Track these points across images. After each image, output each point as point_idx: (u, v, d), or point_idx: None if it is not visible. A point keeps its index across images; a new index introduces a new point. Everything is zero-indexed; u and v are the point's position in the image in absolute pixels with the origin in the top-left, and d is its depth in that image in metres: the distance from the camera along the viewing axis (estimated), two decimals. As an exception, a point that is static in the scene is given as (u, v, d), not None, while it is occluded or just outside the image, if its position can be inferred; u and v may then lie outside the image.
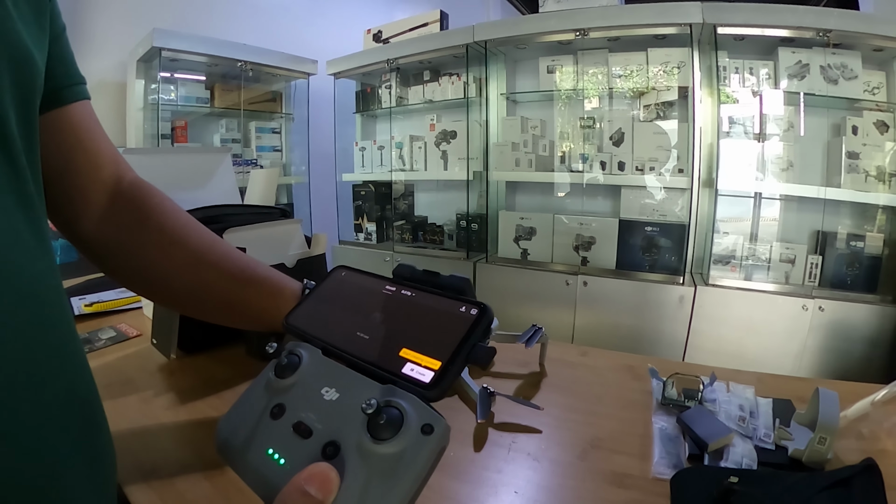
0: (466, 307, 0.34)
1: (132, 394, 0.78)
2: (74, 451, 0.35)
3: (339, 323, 0.38)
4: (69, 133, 0.46)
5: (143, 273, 0.51)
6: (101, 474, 0.39)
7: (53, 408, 0.33)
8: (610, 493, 0.54)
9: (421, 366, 0.31)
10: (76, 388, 0.36)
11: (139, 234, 0.50)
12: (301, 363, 0.34)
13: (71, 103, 0.45)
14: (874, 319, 1.83)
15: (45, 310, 0.33)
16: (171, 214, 0.52)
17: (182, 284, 0.50)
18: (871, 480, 0.50)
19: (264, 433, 0.31)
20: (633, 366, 0.83)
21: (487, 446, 0.62)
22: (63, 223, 0.49)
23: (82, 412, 0.37)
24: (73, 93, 0.46)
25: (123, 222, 0.49)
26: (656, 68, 2.18)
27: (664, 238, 2.21)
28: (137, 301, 1.20)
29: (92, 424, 0.38)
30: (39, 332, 0.32)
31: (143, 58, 2.51)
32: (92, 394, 0.40)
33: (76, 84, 0.46)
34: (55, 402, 0.33)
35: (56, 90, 0.43)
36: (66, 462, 0.33)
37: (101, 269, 0.52)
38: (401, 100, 2.87)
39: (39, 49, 0.36)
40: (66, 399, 0.34)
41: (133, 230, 0.50)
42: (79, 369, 0.38)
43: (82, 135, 0.47)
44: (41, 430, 0.31)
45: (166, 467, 0.60)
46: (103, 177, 0.49)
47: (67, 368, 0.35)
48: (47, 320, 0.33)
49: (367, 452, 0.27)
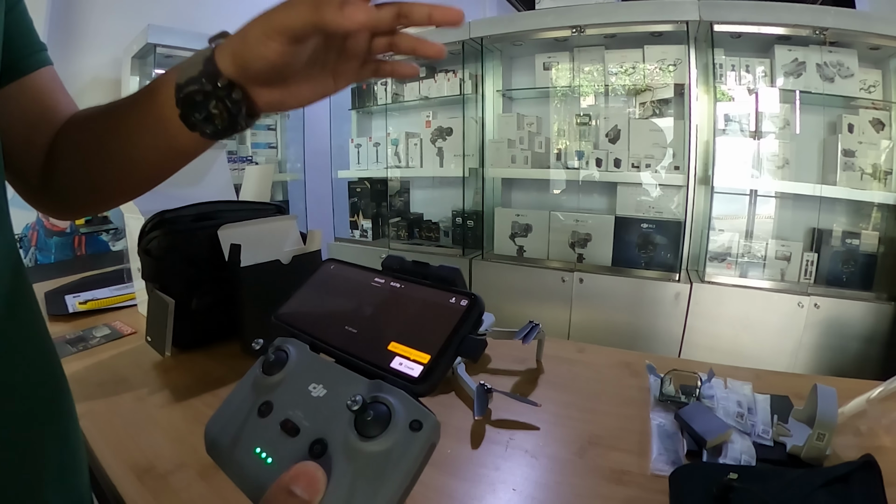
0: (456, 298, 0.34)
1: (126, 392, 0.78)
2: (39, 434, 0.34)
3: (328, 317, 0.38)
4: (32, 101, 0.45)
5: (73, 172, 0.47)
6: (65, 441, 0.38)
7: (9, 378, 0.32)
8: (608, 489, 0.54)
9: (410, 360, 0.31)
10: (42, 368, 0.36)
11: (60, 141, 0.47)
12: (288, 359, 0.34)
13: (31, 72, 0.44)
14: (869, 316, 1.84)
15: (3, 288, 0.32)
16: (84, 110, 0.48)
17: (98, 149, 0.45)
18: (870, 476, 0.49)
19: (252, 432, 0.31)
20: (631, 362, 0.83)
21: (485, 443, 0.62)
22: (22, 181, 0.48)
23: (42, 382, 0.36)
24: (34, 61, 0.45)
25: (53, 145, 0.47)
26: (652, 65, 2.18)
27: (660, 235, 2.22)
28: (132, 299, 1.19)
29: (56, 398, 0.37)
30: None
31: (137, 54, 2.49)
32: (53, 365, 0.39)
33: (35, 52, 0.45)
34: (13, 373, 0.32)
35: (16, 61, 0.42)
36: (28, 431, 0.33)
37: (53, 207, 0.50)
38: (396, 96, 2.86)
39: None
40: (27, 372, 0.34)
41: (57, 145, 0.47)
42: (42, 348, 0.37)
43: (46, 101, 0.46)
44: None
45: (161, 466, 0.59)
46: (56, 126, 0.48)
47: (28, 345, 0.35)
48: (7, 297, 0.33)
49: (353, 450, 0.26)
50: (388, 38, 0.39)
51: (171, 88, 0.37)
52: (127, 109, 0.43)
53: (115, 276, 1.36)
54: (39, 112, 0.46)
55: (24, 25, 0.43)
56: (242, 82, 0.36)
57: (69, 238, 2.30)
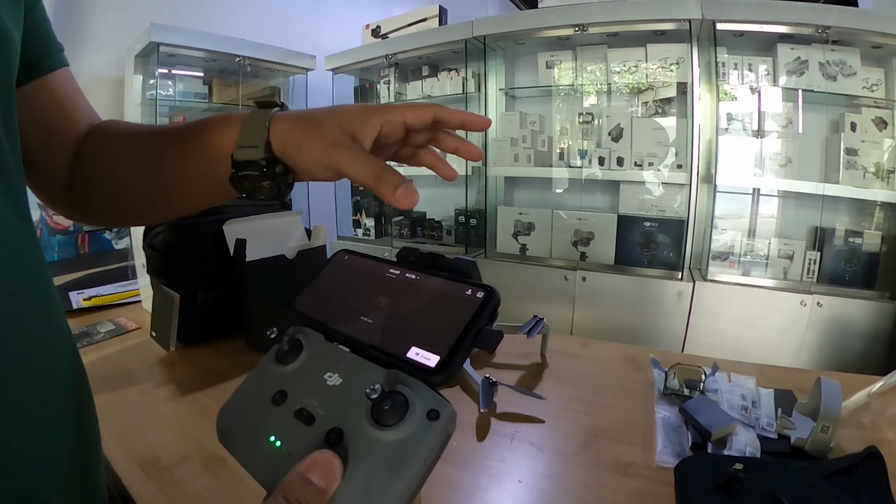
0: (472, 290, 0.34)
1: (131, 386, 0.78)
2: (61, 425, 0.34)
3: (342, 307, 0.38)
4: (51, 102, 0.45)
5: (109, 191, 0.47)
6: (87, 449, 0.38)
7: (35, 381, 0.32)
8: (614, 481, 0.54)
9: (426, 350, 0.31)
10: (59, 361, 0.36)
11: (93, 156, 0.48)
12: (303, 348, 0.34)
13: (50, 72, 0.44)
14: (872, 315, 1.84)
15: (26, 283, 0.33)
16: (114, 124, 0.49)
17: (138, 175, 0.46)
18: (874, 468, 0.50)
19: (266, 420, 0.31)
20: (635, 357, 0.83)
21: (490, 436, 0.62)
22: (39, 183, 0.48)
23: (66, 387, 0.36)
24: (53, 62, 0.45)
25: (82, 156, 0.48)
26: (655, 64, 2.18)
27: (662, 234, 2.21)
28: (136, 295, 1.19)
29: (78, 398, 0.38)
30: (21, 307, 0.32)
31: (140, 53, 2.50)
32: (77, 371, 0.39)
33: (54, 52, 0.45)
34: (37, 375, 0.32)
35: (35, 61, 0.42)
36: (52, 436, 0.33)
37: (80, 216, 0.51)
38: (399, 95, 2.86)
39: (15, 23, 0.35)
40: (48, 372, 0.34)
41: (88, 157, 0.48)
42: (64, 345, 0.37)
43: (63, 101, 0.47)
44: (23, 395, 0.31)
45: (165, 458, 0.60)
46: (78, 132, 0.48)
47: (52, 343, 0.35)
48: (30, 294, 0.33)
49: (371, 439, 0.27)
50: (429, 133, 0.45)
51: (226, 152, 0.39)
52: (175, 150, 0.44)
53: (118, 273, 1.37)
54: (59, 114, 0.46)
55: (43, 25, 0.43)
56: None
57: (72, 236, 2.30)
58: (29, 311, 0.33)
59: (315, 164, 0.37)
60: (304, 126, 0.37)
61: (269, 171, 0.38)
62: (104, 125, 0.49)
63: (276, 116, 0.38)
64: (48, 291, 0.35)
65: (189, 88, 2.76)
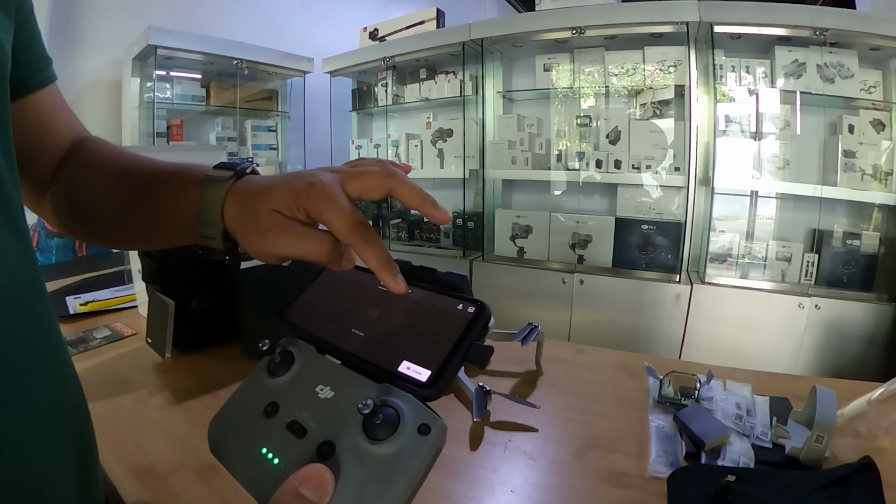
0: (464, 305, 0.34)
1: (127, 393, 0.78)
2: (61, 454, 0.34)
3: (334, 319, 0.38)
4: (35, 119, 0.45)
5: (82, 210, 0.48)
6: (87, 474, 0.38)
7: (37, 404, 0.32)
8: (607, 491, 0.54)
9: (417, 364, 0.31)
10: (58, 384, 0.35)
11: (75, 173, 0.48)
12: (295, 360, 0.34)
13: (36, 90, 0.44)
14: (870, 318, 1.84)
15: (24, 304, 0.32)
16: (102, 147, 0.49)
17: (106, 209, 0.46)
18: (868, 478, 0.49)
19: (258, 432, 0.31)
20: (630, 364, 0.83)
21: (483, 445, 0.62)
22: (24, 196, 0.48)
23: (67, 410, 0.36)
24: (40, 79, 0.44)
25: (66, 171, 0.48)
26: (653, 67, 2.18)
27: (660, 236, 2.21)
28: (133, 300, 1.19)
29: (77, 425, 0.37)
30: (18, 327, 0.31)
31: (138, 56, 2.50)
32: (77, 394, 0.39)
33: (41, 70, 0.44)
34: (38, 398, 0.32)
35: (22, 78, 0.42)
36: (52, 467, 0.33)
37: (60, 227, 0.51)
38: (397, 98, 2.86)
39: (6, 35, 0.35)
40: (49, 395, 0.33)
41: (70, 173, 0.48)
42: (61, 366, 0.37)
43: (47, 118, 0.46)
44: (22, 424, 0.30)
45: (160, 467, 0.59)
46: (62, 148, 0.48)
47: (50, 364, 0.35)
48: (27, 316, 0.33)
49: (362, 453, 0.27)
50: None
51: (185, 225, 0.39)
52: (142, 199, 0.43)
53: (115, 278, 1.36)
54: (42, 129, 0.46)
55: (33, 40, 0.43)
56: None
57: (70, 240, 2.30)
58: (27, 333, 0.33)
59: (263, 257, 0.35)
60: (244, 216, 0.35)
61: (231, 255, 0.37)
62: (85, 146, 0.49)
63: (229, 197, 0.36)
64: (46, 311, 0.35)
65: (187, 91, 2.76)
